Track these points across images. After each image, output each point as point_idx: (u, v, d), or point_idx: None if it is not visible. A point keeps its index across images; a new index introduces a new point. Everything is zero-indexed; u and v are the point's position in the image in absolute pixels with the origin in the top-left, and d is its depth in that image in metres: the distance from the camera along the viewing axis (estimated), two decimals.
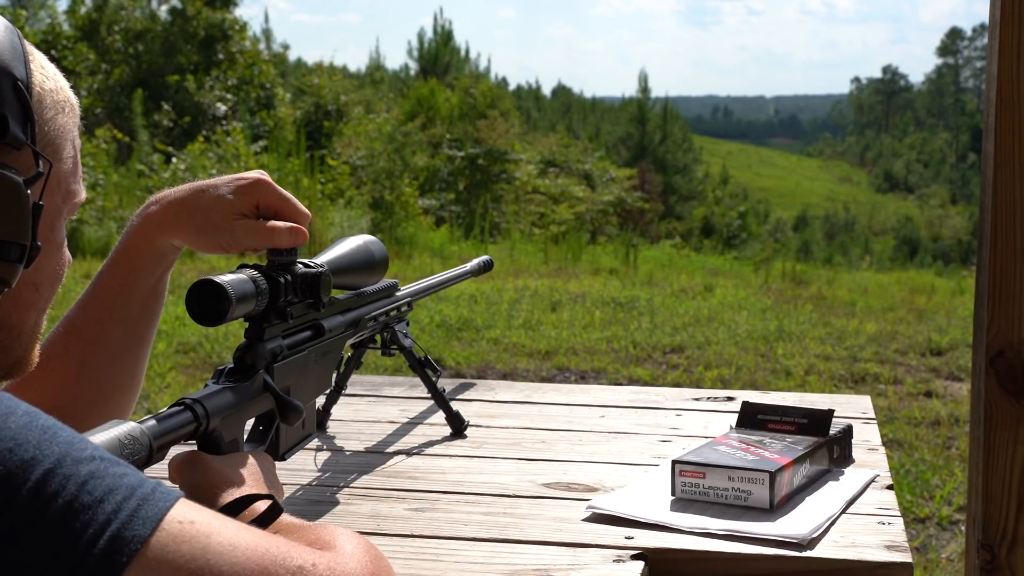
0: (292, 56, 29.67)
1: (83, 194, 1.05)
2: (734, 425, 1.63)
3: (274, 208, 1.29)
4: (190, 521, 0.74)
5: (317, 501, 1.45)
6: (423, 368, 1.73)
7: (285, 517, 1.00)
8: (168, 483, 0.96)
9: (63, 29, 19.37)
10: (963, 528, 3.94)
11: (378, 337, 1.68)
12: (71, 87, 1.05)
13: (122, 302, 1.30)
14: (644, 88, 33.45)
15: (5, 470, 0.69)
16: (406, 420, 1.83)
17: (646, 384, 5.90)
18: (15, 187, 0.91)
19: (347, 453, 1.66)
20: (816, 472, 1.50)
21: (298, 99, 20.17)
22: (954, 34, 77.06)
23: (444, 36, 27.72)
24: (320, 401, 1.77)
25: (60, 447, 0.72)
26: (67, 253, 1.06)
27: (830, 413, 1.58)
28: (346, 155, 16.66)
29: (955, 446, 5.00)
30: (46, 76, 0.99)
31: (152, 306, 1.33)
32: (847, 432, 1.61)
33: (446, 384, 1.97)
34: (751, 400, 1.71)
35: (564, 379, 6.12)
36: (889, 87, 79.06)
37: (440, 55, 27.24)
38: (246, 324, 1.22)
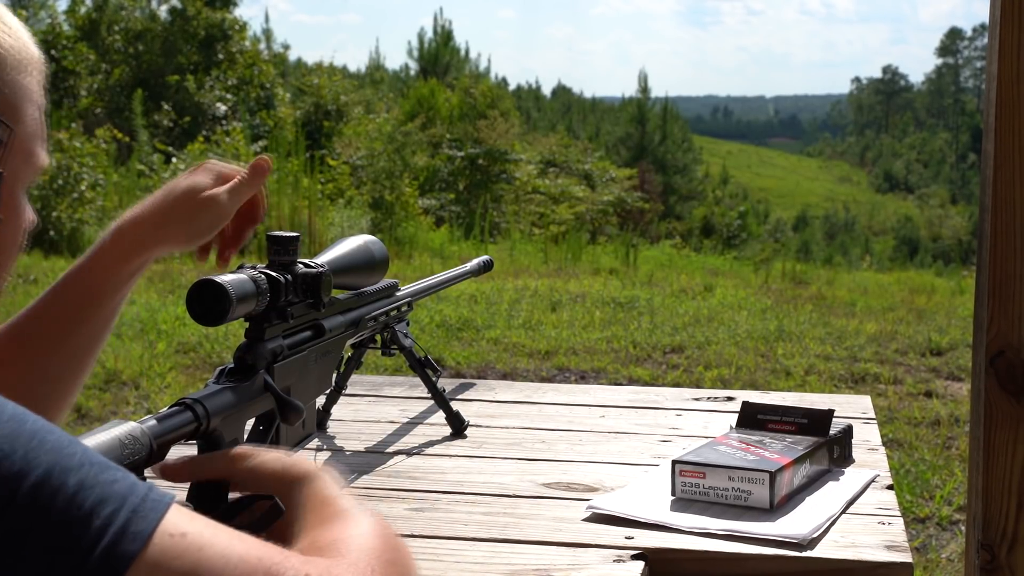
0: (292, 56, 29.66)
1: (46, 159, 0.99)
2: (734, 425, 1.63)
3: (227, 176, 1.35)
4: (181, 534, 0.71)
5: None
6: (423, 368, 1.73)
7: (318, 487, 0.97)
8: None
9: (63, 29, 19.36)
10: (963, 528, 3.94)
11: (378, 337, 1.69)
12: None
13: (84, 318, 1.32)
14: (644, 88, 33.46)
15: None
16: (406, 420, 1.83)
17: (646, 384, 5.90)
18: None
19: (347, 453, 1.66)
20: (816, 472, 1.50)
21: (298, 99, 20.18)
22: (954, 34, 77.07)
23: (444, 36, 27.72)
24: (320, 401, 1.77)
25: (48, 456, 0.69)
26: (29, 214, 0.99)
27: (830, 413, 1.58)
28: (346, 155, 16.67)
29: (955, 446, 5.00)
30: (7, 32, 0.93)
31: (111, 321, 1.37)
32: (847, 432, 1.61)
33: (446, 384, 1.97)
34: (751, 400, 1.71)
35: (564, 379, 6.12)
36: (889, 87, 79.07)
37: (440, 55, 27.25)
38: (246, 324, 1.22)
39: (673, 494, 1.42)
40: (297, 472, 1.00)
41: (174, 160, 14.79)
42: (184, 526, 0.72)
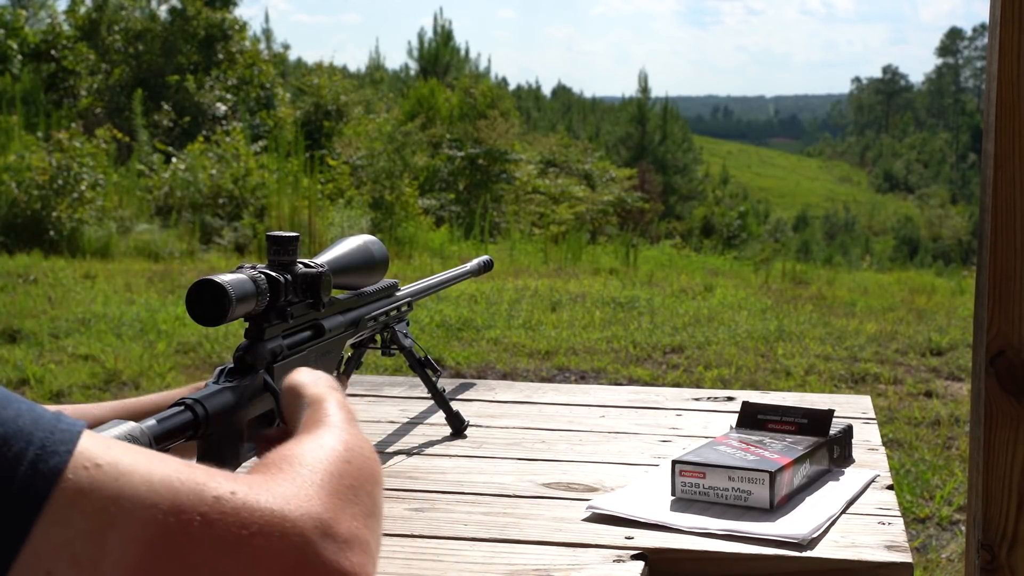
0: (292, 56, 29.66)
1: None
2: (734, 425, 1.63)
3: None
4: (95, 464, 0.67)
5: None
6: (423, 368, 1.73)
7: (319, 407, 0.94)
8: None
9: (63, 29, 19.36)
10: (963, 528, 3.94)
11: (378, 337, 1.68)
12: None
13: None
14: (644, 88, 33.46)
15: None
16: (406, 420, 1.83)
17: (646, 384, 5.90)
18: None
19: None
20: (816, 472, 1.50)
21: (298, 99, 20.18)
22: (954, 34, 77.07)
23: (444, 36, 27.73)
24: None
25: None
26: None
27: (830, 413, 1.58)
28: (346, 155, 16.67)
29: (955, 446, 5.00)
30: None
31: None
32: (847, 432, 1.61)
33: (446, 384, 1.96)
34: (751, 400, 1.71)
35: (564, 379, 6.12)
36: (889, 87, 79.05)
37: (440, 55, 27.25)
38: (246, 324, 1.22)
39: (673, 494, 1.42)
40: (309, 394, 1.00)
41: (174, 160, 14.79)
42: (99, 455, 0.68)
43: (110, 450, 0.69)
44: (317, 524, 0.72)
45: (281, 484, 0.74)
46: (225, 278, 1.13)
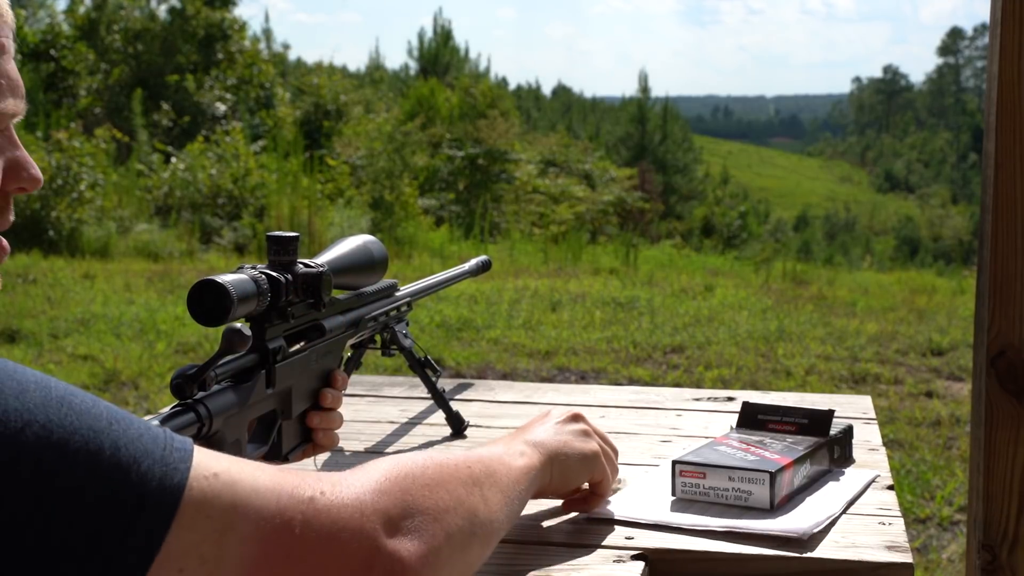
0: (292, 56, 29.73)
1: (12, 106, 0.98)
2: (734, 425, 1.63)
3: None
4: (213, 474, 0.77)
5: None
6: (423, 368, 1.73)
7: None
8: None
9: (62, 29, 19.36)
10: (964, 529, 3.94)
11: (378, 337, 1.68)
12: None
13: None
14: (644, 88, 33.45)
15: (33, 455, 0.70)
16: (406, 420, 1.83)
17: (646, 384, 5.90)
18: None
19: (347, 453, 1.66)
20: (816, 472, 1.50)
21: (298, 99, 20.18)
22: (955, 34, 77.05)
23: (444, 36, 27.73)
24: None
25: (80, 420, 0.73)
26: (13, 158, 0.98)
27: (830, 413, 1.57)
28: (346, 155, 16.67)
29: (956, 446, 5.00)
30: None
31: None
32: (848, 432, 1.61)
33: (446, 384, 1.96)
34: (751, 400, 1.71)
35: (564, 379, 6.12)
36: (890, 87, 79.03)
37: (440, 55, 27.26)
38: (247, 324, 1.22)
39: (673, 494, 1.42)
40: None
41: (173, 160, 14.79)
42: (213, 466, 0.78)
43: (219, 461, 0.79)
44: (382, 518, 0.84)
45: (356, 476, 0.87)
46: (227, 278, 1.13)
